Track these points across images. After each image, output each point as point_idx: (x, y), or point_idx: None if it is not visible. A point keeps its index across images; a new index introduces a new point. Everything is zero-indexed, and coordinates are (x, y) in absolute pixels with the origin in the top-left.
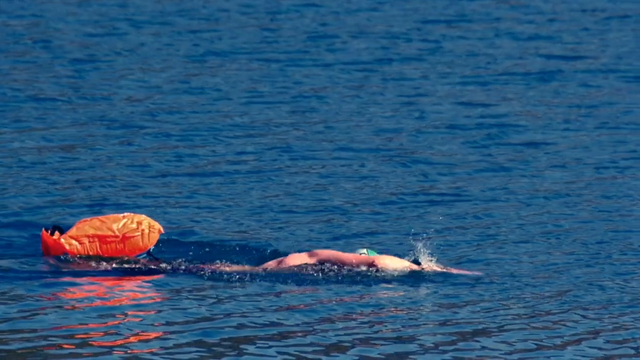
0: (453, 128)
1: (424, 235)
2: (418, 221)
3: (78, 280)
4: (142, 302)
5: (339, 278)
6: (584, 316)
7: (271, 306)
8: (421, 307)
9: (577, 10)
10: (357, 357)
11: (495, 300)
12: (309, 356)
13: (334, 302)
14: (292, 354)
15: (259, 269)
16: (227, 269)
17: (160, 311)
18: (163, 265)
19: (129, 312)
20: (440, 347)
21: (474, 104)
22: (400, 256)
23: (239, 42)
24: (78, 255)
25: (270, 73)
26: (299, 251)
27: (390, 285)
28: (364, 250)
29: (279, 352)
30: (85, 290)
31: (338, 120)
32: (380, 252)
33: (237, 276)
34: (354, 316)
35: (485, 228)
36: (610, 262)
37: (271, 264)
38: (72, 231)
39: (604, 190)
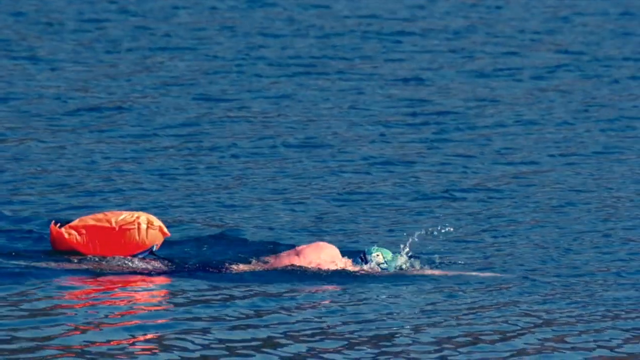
0: (400, 125)
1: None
2: (367, 217)
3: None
4: (78, 299)
5: (289, 272)
6: (525, 313)
7: (210, 299)
8: (359, 302)
9: (528, 6)
10: (292, 354)
11: (434, 293)
12: (240, 351)
13: (272, 296)
14: (221, 348)
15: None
16: (235, 268)
17: (97, 305)
18: (161, 264)
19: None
20: (374, 342)
21: (424, 100)
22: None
23: (186, 38)
24: (79, 252)
25: (217, 70)
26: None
27: (333, 282)
28: (377, 252)
29: (205, 346)
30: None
31: (286, 115)
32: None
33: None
34: (291, 311)
35: (433, 224)
36: (555, 258)
37: (284, 261)
38: (74, 222)
39: (551, 185)
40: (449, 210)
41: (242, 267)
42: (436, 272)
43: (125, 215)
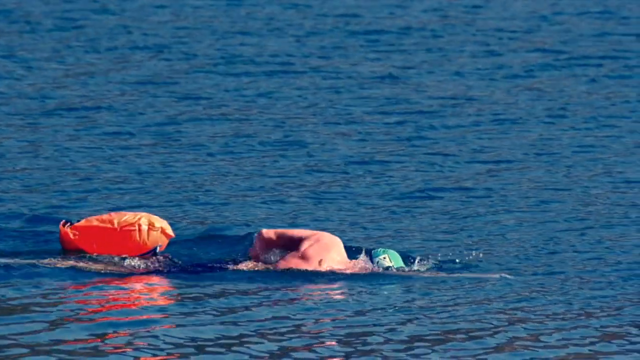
0: (377, 123)
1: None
2: (343, 215)
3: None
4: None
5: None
6: (499, 311)
7: (184, 297)
8: (333, 300)
9: (507, 5)
10: (263, 352)
11: (408, 291)
12: (210, 349)
13: (246, 294)
14: (192, 346)
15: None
16: (241, 267)
17: (69, 303)
18: (155, 264)
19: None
20: (346, 341)
21: (401, 98)
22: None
23: (165, 37)
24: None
25: (195, 69)
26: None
27: (307, 279)
28: (385, 255)
29: (176, 345)
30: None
31: (264, 113)
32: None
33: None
34: (264, 309)
35: (405, 223)
36: (531, 256)
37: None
38: (80, 223)
39: (528, 184)
40: (425, 209)
41: (241, 266)
42: (416, 271)
43: (127, 216)
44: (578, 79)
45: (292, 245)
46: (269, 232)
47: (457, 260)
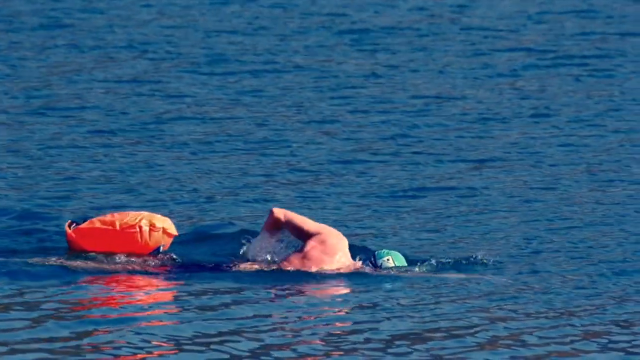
0: (361, 122)
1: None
2: (327, 214)
3: None
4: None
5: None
6: (481, 309)
7: (164, 296)
8: (314, 298)
9: (492, 4)
10: (242, 350)
11: (390, 289)
12: (189, 347)
13: (226, 292)
14: (170, 344)
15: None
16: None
17: (50, 302)
18: (144, 263)
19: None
20: (326, 339)
21: (386, 97)
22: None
23: (149, 35)
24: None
25: (180, 68)
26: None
27: (290, 278)
28: (388, 257)
29: (154, 343)
30: None
31: (248, 111)
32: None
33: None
34: (244, 307)
35: (389, 221)
36: (513, 255)
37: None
38: (84, 225)
39: (511, 183)
40: (409, 208)
41: (241, 267)
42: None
43: (129, 217)
44: (562, 78)
45: (297, 234)
46: (279, 212)
47: (443, 260)
